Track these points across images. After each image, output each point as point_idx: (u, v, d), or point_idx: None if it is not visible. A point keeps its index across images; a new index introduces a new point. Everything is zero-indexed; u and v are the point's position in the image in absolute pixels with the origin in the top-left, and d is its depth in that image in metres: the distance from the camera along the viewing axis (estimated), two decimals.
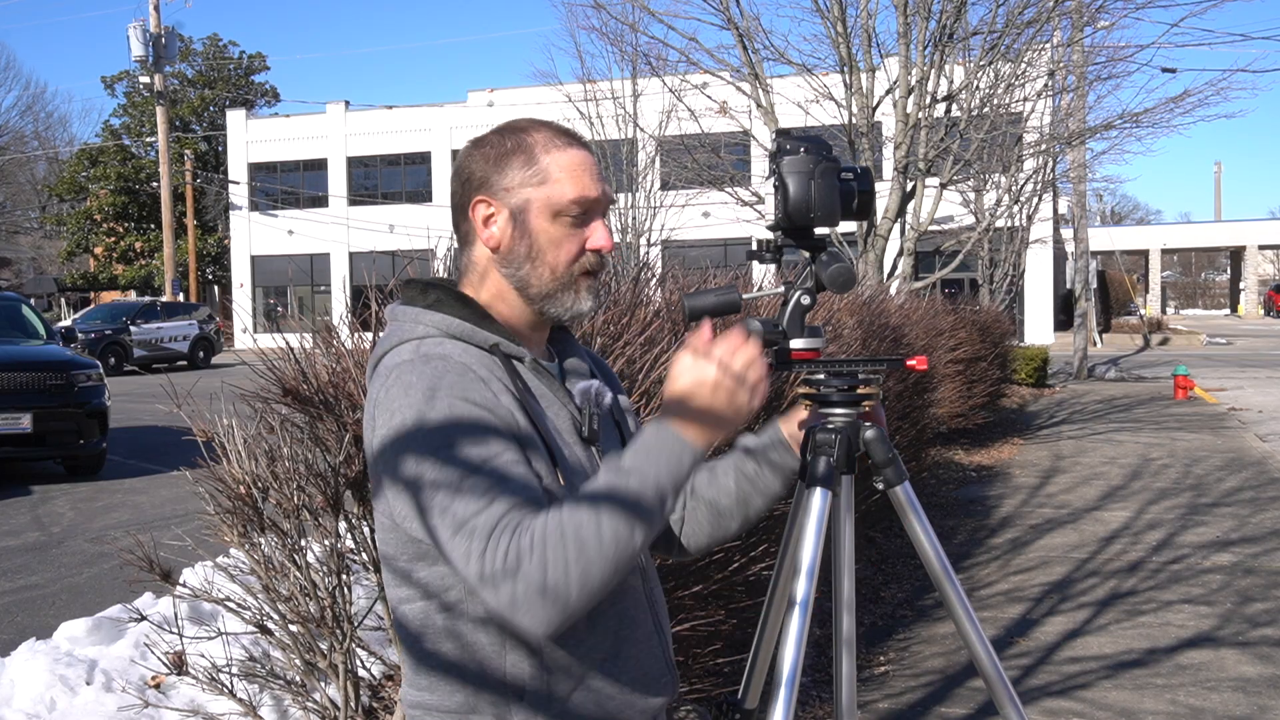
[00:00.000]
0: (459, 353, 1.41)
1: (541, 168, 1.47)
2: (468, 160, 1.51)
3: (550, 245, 1.47)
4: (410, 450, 1.33)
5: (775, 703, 1.59)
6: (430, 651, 1.42)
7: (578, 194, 1.46)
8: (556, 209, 1.46)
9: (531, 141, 1.48)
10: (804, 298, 1.62)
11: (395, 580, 1.45)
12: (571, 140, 1.50)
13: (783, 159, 1.60)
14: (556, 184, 1.46)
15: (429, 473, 1.31)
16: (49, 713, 3.70)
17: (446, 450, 1.31)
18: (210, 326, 28.55)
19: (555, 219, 1.46)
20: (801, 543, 1.65)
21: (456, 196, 1.52)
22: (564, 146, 1.48)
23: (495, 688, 1.39)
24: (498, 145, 1.49)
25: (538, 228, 1.47)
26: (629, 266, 4.75)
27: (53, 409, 9.72)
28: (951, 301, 12.06)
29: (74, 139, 58.41)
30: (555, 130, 1.51)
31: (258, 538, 2.94)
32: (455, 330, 1.44)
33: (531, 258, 1.47)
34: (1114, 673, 4.49)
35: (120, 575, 5.34)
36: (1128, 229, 58.27)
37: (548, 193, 1.46)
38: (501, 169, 1.48)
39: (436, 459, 1.31)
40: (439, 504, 1.29)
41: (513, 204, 1.47)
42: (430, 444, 1.32)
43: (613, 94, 19.49)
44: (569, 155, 1.48)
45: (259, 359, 3.03)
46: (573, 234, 1.48)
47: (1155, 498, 8.27)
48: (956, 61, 11.27)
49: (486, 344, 1.44)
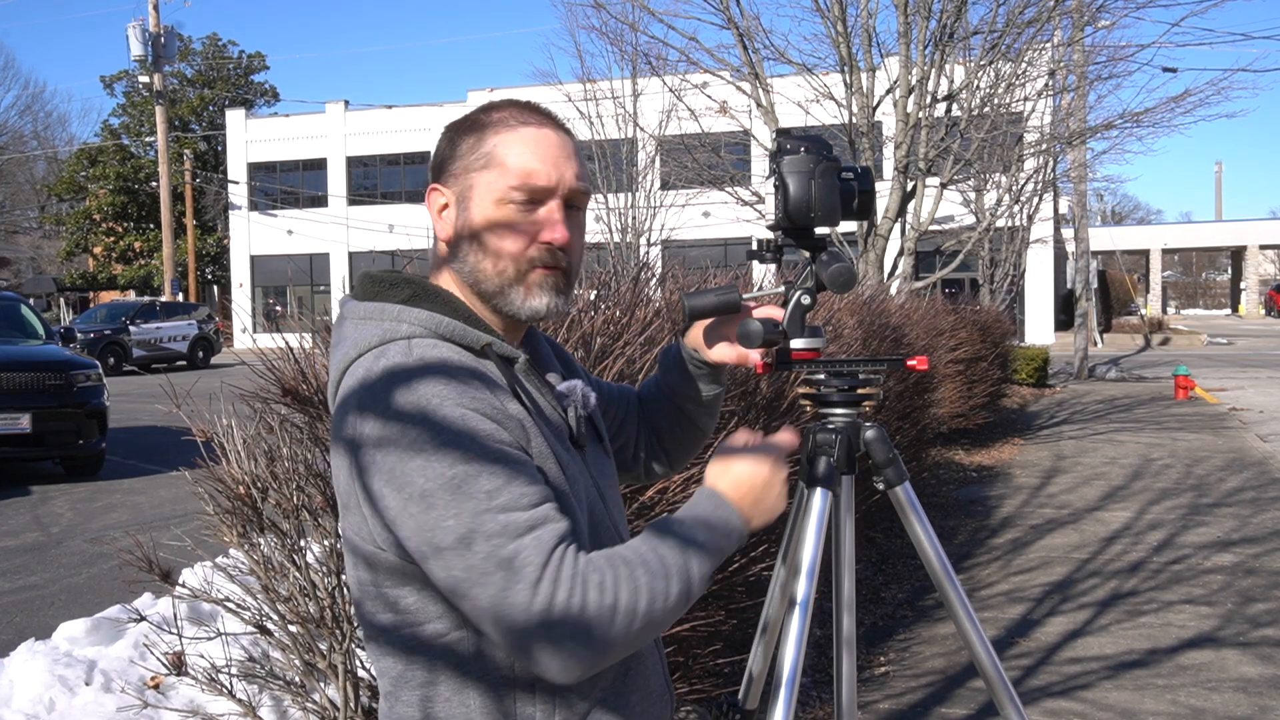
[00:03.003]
0: (456, 356, 1.26)
1: (487, 149, 1.32)
2: (436, 146, 1.39)
3: (493, 235, 1.32)
4: (425, 474, 1.17)
5: (775, 703, 1.59)
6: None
7: (520, 179, 1.31)
8: (498, 195, 1.31)
9: (488, 121, 1.35)
10: (804, 298, 1.61)
11: (377, 621, 1.31)
12: (532, 118, 1.35)
13: (783, 158, 1.59)
14: (498, 167, 1.32)
15: (451, 500, 1.16)
16: (48, 713, 3.70)
17: (475, 474, 1.17)
18: (209, 326, 28.56)
19: (498, 205, 1.31)
20: (802, 543, 1.65)
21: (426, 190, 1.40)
22: (518, 125, 1.34)
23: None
24: (459, 127, 1.37)
25: (479, 216, 1.32)
26: (629, 266, 4.74)
27: (52, 409, 9.72)
28: (952, 301, 12.05)
29: (73, 138, 58.56)
30: (520, 108, 1.36)
31: (257, 538, 2.94)
32: (445, 330, 1.29)
33: (478, 250, 1.33)
34: (1115, 673, 4.48)
35: (119, 575, 5.34)
36: (1128, 229, 58.26)
37: (489, 177, 1.32)
38: (453, 153, 1.35)
39: (461, 484, 1.16)
40: (468, 536, 1.16)
41: (459, 190, 1.34)
42: (451, 468, 1.16)
43: (613, 94, 19.49)
44: (522, 134, 1.33)
45: (258, 359, 3.02)
46: (520, 223, 1.32)
47: (1156, 498, 8.26)
48: (957, 61, 11.26)
49: (478, 344, 1.30)
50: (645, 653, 1.41)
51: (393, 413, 1.20)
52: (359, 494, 1.25)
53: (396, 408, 1.20)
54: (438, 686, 1.28)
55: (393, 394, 1.21)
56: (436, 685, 1.28)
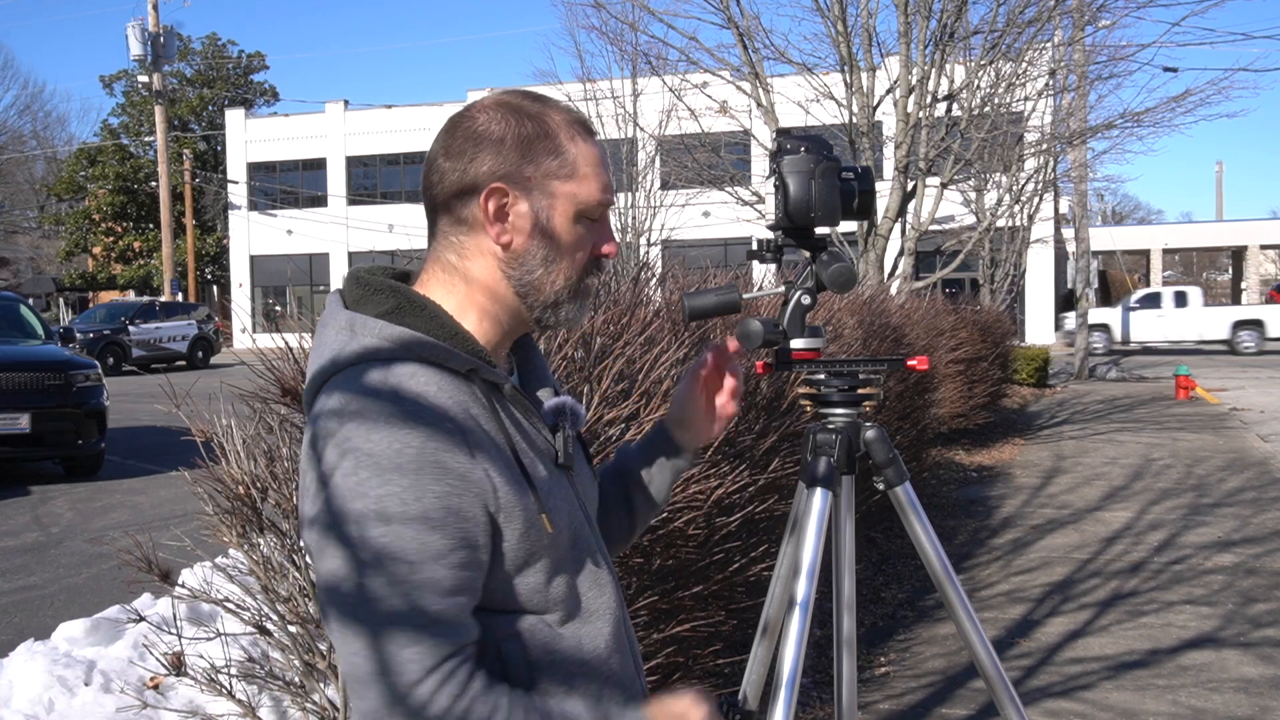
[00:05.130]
0: (434, 390, 1.18)
1: (570, 160, 1.28)
2: (470, 136, 1.27)
3: (569, 249, 1.29)
4: (345, 539, 1.13)
5: (775, 703, 1.58)
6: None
7: (604, 195, 1.30)
8: (582, 209, 1.28)
9: (554, 127, 1.28)
10: (804, 298, 1.61)
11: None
12: (588, 130, 1.32)
13: (783, 158, 1.59)
14: (585, 180, 1.28)
15: (359, 578, 1.12)
16: (47, 713, 3.69)
17: (386, 558, 1.12)
18: (209, 326, 28.58)
19: (578, 220, 1.29)
20: (802, 543, 1.64)
21: (453, 177, 1.26)
22: (585, 137, 1.30)
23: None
24: (516, 125, 1.27)
25: (561, 228, 1.28)
26: (629, 266, 4.74)
27: (51, 409, 9.71)
28: (952, 301, 12.05)
29: (72, 138, 58.65)
30: (570, 115, 1.31)
31: (256, 538, 2.94)
32: (428, 353, 1.20)
33: (547, 261, 1.28)
34: (1116, 673, 4.48)
35: (119, 576, 5.34)
36: (1129, 228, 58.20)
37: (576, 189, 1.27)
38: (526, 154, 1.26)
39: (374, 564, 1.12)
40: (364, 625, 1.12)
41: (535, 198, 1.27)
42: (368, 542, 1.12)
43: (613, 93, 19.49)
44: (592, 149, 1.30)
45: (258, 359, 3.02)
46: (587, 238, 1.31)
47: (1157, 498, 8.26)
48: (957, 61, 11.26)
49: (463, 369, 1.22)
50: (620, 663, 1.36)
51: (353, 451, 1.15)
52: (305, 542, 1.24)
53: (359, 447, 1.15)
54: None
55: (359, 430, 1.16)
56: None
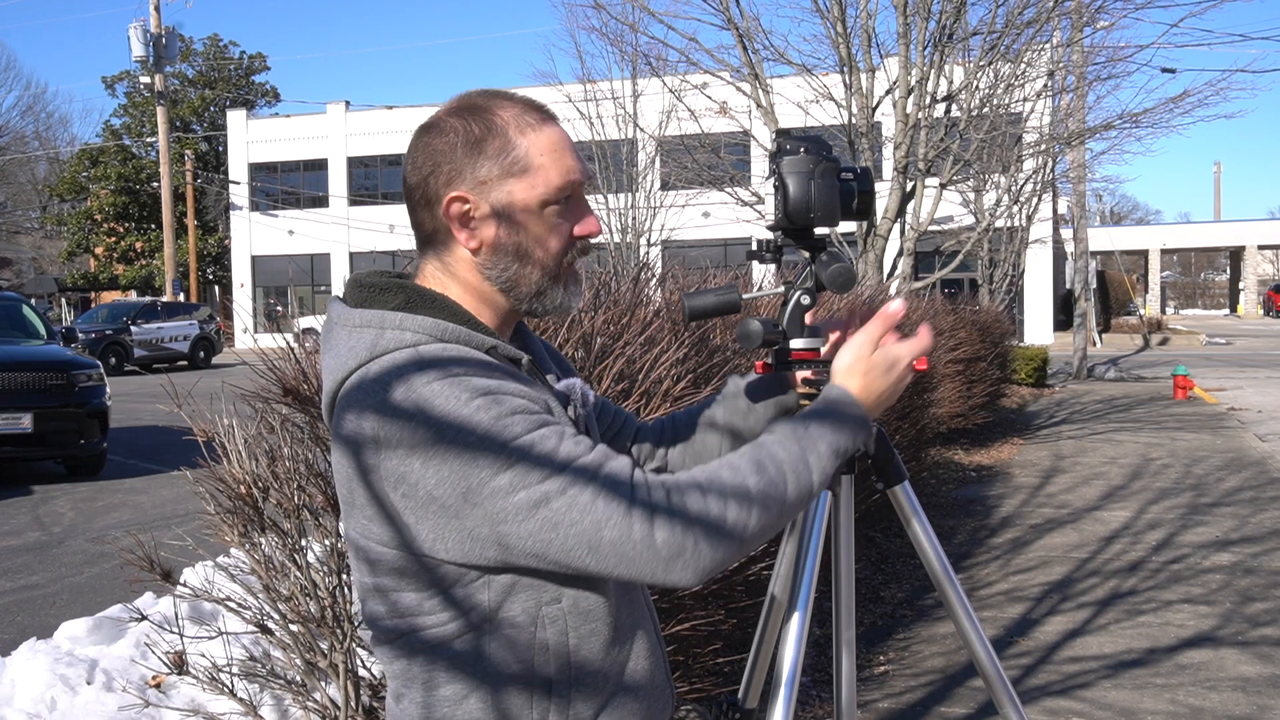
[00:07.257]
0: (471, 354, 1.25)
1: (522, 154, 1.30)
2: (427, 149, 1.31)
3: (540, 240, 1.32)
4: (476, 465, 1.16)
5: (775, 702, 1.59)
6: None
7: (564, 179, 1.32)
8: (545, 198, 1.31)
9: (502, 123, 1.31)
10: (804, 298, 1.62)
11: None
12: (543, 115, 1.33)
13: (783, 159, 1.60)
14: (540, 171, 1.30)
15: (513, 473, 1.16)
16: (49, 712, 3.70)
17: (532, 442, 1.17)
18: (211, 326, 28.58)
19: (543, 210, 1.31)
20: (801, 542, 1.65)
21: (419, 191, 1.32)
22: (538, 125, 1.32)
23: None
24: (464, 130, 1.30)
25: (526, 221, 1.31)
26: (629, 266, 4.75)
27: (53, 409, 9.73)
28: (951, 301, 12.05)
29: (75, 139, 58.52)
30: (522, 104, 1.33)
31: (258, 537, 2.95)
32: (450, 335, 1.26)
33: (520, 256, 1.32)
34: (1114, 672, 4.49)
35: (121, 575, 5.35)
36: (1127, 229, 58.28)
37: (533, 181, 1.30)
38: (474, 158, 1.29)
39: (525, 453, 1.17)
40: (547, 497, 1.16)
41: (494, 198, 1.30)
42: (511, 442, 1.16)
43: (613, 94, 19.52)
44: (546, 135, 1.32)
45: (259, 359, 3.03)
46: (560, 223, 1.33)
47: (1155, 498, 8.27)
48: (956, 62, 11.27)
49: (483, 348, 1.27)
50: (649, 649, 1.40)
51: (419, 413, 1.17)
52: (362, 493, 1.24)
53: (425, 408, 1.17)
54: (440, 688, 1.28)
55: (417, 392, 1.18)
56: (438, 686, 1.28)
